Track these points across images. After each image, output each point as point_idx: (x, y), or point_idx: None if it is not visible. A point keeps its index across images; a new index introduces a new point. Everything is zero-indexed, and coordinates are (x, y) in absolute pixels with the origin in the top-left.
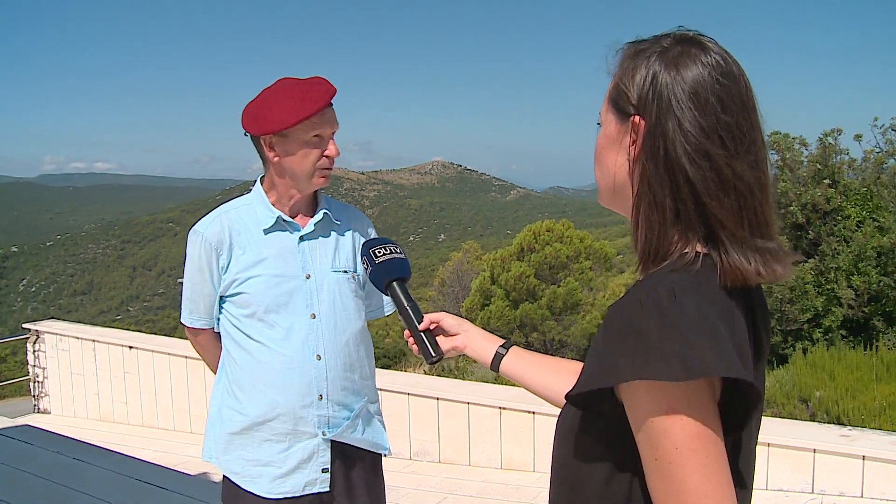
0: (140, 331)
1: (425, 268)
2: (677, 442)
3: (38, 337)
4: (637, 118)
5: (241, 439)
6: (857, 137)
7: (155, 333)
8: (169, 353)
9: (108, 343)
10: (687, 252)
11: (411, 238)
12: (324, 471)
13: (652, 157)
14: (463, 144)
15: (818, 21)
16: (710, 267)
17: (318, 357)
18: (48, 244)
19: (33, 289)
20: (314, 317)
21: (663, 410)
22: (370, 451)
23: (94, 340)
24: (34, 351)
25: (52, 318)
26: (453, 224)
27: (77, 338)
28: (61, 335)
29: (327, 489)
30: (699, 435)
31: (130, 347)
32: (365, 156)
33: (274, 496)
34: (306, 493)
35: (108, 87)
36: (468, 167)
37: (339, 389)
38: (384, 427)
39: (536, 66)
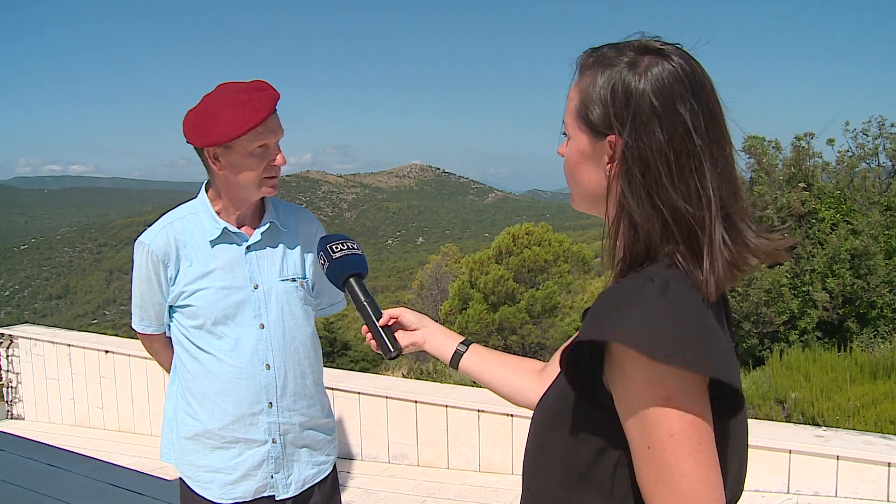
0: (116, 335)
1: (403, 271)
2: (673, 429)
3: (11, 342)
4: (614, 138)
5: (194, 445)
6: (830, 141)
7: (132, 338)
8: (145, 358)
9: (83, 347)
10: (668, 256)
11: (389, 241)
12: (273, 476)
13: (631, 176)
14: (441, 147)
15: (791, 23)
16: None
17: (267, 366)
18: (22, 248)
19: (7, 293)
20: (263, 327)
21: (659, 398)
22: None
23: (69, 345)
24: (7, 356)
25: (27, 322)
26: (432, 227)
27: (52, 342)
28: (35, 340)
29: (278, 494)
30: (694, 422)
31: (106, 352)
32: (343, 158)
33: (225, 501)
34: (256, 497)
35: (84, 88)
36: (446, 170)
37: (290, 396)
38: (335, 429)
39: (514, 70)
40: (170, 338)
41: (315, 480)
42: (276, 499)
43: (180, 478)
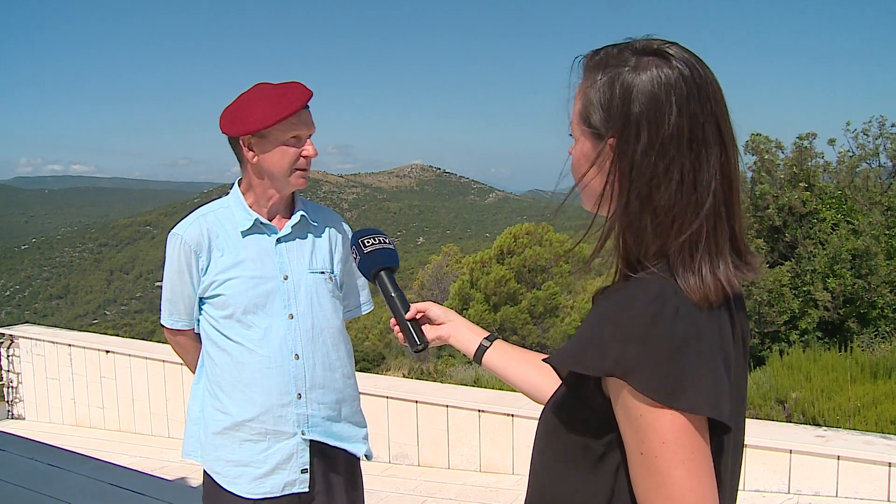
0: (117, 335)
1: (404, 271)
2: (665, 436)
3: (12, 342)
4: (613, 141)
5: (222, 440)
6: (831, 141)
7: (132, 337)
8: (146, 358)
9: (84, 347)
10: (662, 260)
11: None
12: (303, 471)
13: (626, 179)
14: (441, 147)
15: (792, 24)
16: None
17: (296, 356)
18: (23, 248)
19: (7, 293)
20: (292, 317)
21: (653, 405)
22: (349, 453)
23: (69, 345)
24: (8, 356)
25: (27, 322)
26: (432, 227)
27: (52, 342)
28: (36, 340)
29: (307, 490)
30: (687, 430)
31: (107, 352)
32: (344, 158)
33: (254, 496)
34: (286, 493)
35: (86, 88)
36: (447, 170)
37: (318, 388)
38: (365, 425)
39: (514, 70)
40: (197, 334)
41: (340, 445)
42: (307, 492)
43: (205, 474)
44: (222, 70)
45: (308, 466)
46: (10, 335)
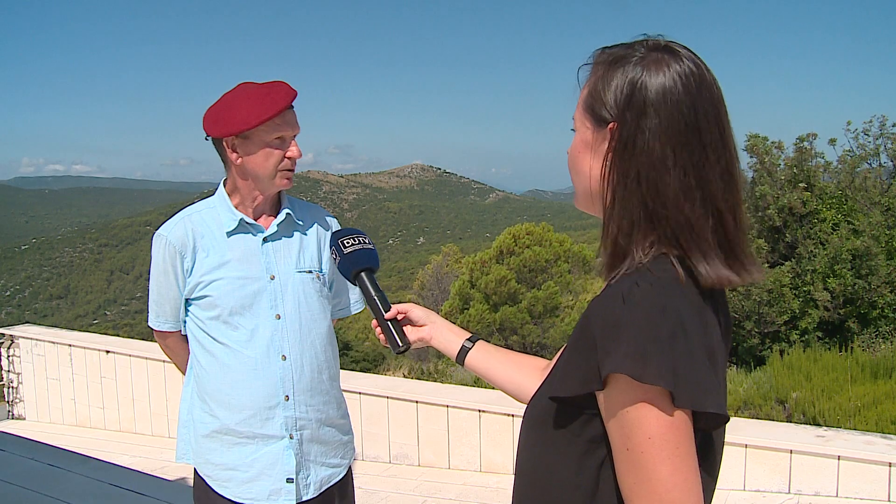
0: (117, 335)
1: (405, 271)
2: (651, 432)
3: (12, 342)
4: (614, 125)
5: (211, 443)
6: (832, 142)
7: (132, 338)
8: (146, 358)
9: (84, 347)
10: (660, 253)
11: (390, 241)
12: (288, 480)
13: (626, 164)
14: (442, 147)
15: (794, 23)
16: (682, 267)
17: (283, 357)
18: (23, 248)
19: (8, 293)
20: (279, 317)
21: (639, 401)
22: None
23: (69, 345)
24: (8, 356)
25: (28, 322)
26: (433, 227)
27: (53, 342)
28: (36, 340)
29: (293, 502)
30: (673, 426)
31: (107, 352)
32: (344, 158)
33: (242, 501)
34: (271, 502)
35: (87, 88)
36: (447, 170)
37: (306, 390)
38: (351, 430)
39: (514, 70)
40: (185, 335)
41: (330, 482)
42: (299, 502)
43: (196, 475)
44: (223, 70)
45: (294, 476)
46: (11, 335)
